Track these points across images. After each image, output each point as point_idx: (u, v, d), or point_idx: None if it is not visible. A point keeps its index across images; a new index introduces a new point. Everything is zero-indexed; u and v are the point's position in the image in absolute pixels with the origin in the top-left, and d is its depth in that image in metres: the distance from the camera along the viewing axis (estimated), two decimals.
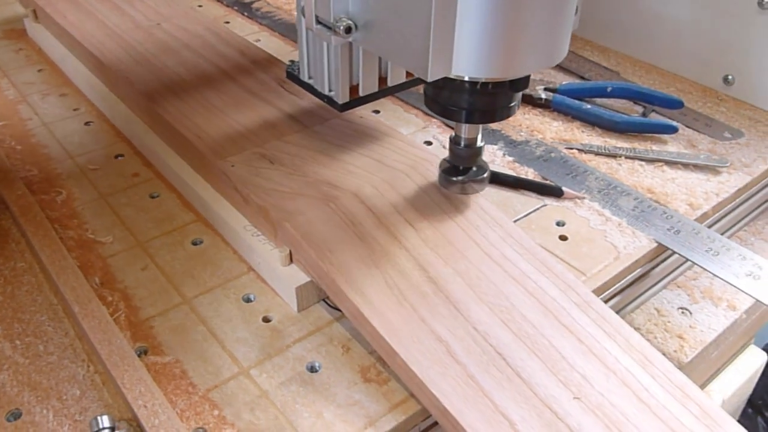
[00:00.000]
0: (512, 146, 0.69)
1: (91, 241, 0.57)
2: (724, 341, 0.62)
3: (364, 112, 0.64)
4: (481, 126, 0.51)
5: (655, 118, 0.75)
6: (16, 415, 0.44)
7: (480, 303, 0.47)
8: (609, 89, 0.76)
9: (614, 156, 0.69)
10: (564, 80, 0.81)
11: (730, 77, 0.78)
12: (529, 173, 0.65)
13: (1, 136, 0.70)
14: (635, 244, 0.58)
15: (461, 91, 0.46)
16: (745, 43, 0.75)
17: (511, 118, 0.73)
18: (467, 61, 0.41)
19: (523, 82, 0.46)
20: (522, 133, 0.71)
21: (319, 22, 0.47)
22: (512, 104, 0.48)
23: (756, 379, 0.76)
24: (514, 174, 0.65)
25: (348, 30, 0.45)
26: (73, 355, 0.48)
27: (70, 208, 0.61)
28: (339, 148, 0.59)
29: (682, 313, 0.61)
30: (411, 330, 0.45)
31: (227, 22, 0.94)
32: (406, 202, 0.53)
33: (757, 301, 0.54)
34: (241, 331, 0.49)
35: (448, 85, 0.45)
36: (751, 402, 1.28)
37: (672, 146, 0.71)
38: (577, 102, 0.74)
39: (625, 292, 0.58)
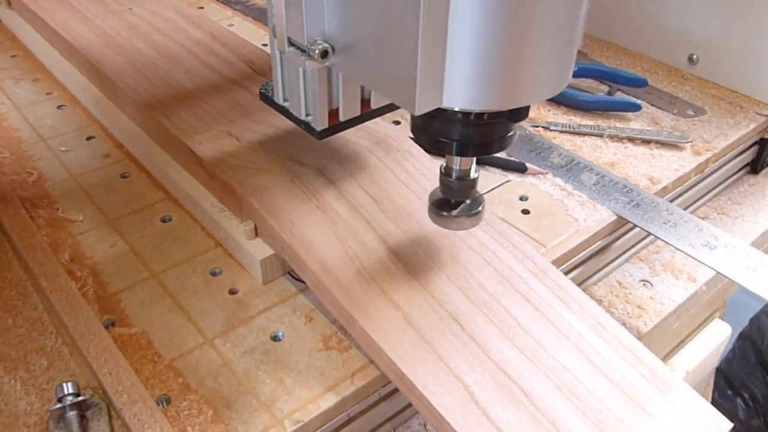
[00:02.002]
0: None
1: (62, 219, 0.58)
2: (685, 312, 0.63)
3: None
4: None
5: (620, 96, 0.76)
6: None
7: (437, 272, 0.49)
8: (575, 69, 0.77)
9: (578, 133, 0.70)
10: None
11: (694, 56, 0.80)
12: None
13: None
14: (595, 217, 0.59)
15: (453, 122, 0.40)
16: (710, 22, 0.77)
17: None
18: (460, 91, 0.35)
19: (524, 111, 0.40)
20: None
21: (292, 44, 0.42)
22: (511, 134, 0.42)
23: (720, 352, 0.78)
24: None
25: (324, 54, 0.40)
26: (42, 328, 0.49)
27: (41, 189, 0.62)
28: None
29: (644, 285, 0.63)
30: (369, 298, 0.46)
31: (201, 8, 0.94)
32: (368, 177, 0.55)
33: (712, 269, 0.56)
34: (207, 303, 0.51)
35: (439, 114, 0.39)
36: (730, 383, 1.31)
37: (636, 124, 0.72)
38: None
39: (587, 264, 0.60)
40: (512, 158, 0.65)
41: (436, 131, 0.41)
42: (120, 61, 0.70)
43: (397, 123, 0.71)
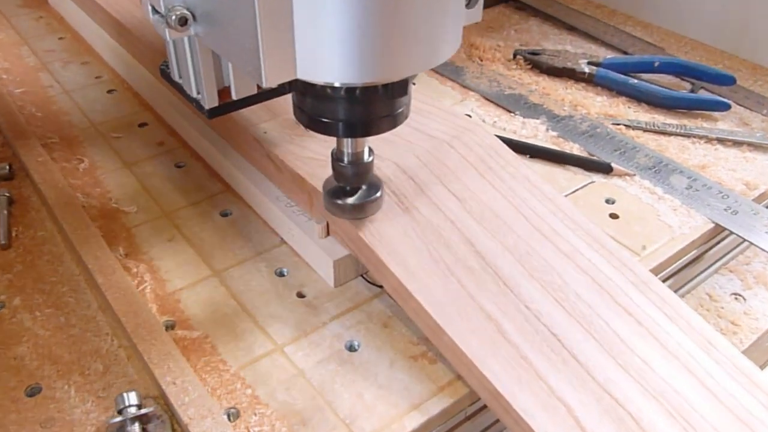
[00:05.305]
0: (555, 121, 0.65)
1: (115, 210, 0.54)
2: None
3: None
4: (367, 138, 0.42)
5: (703, 94, 0.71)
6: (36, 390, 0.41)
7: (531, 279, 0.44)
8: (656, 64, 0.72)
9: (663, 132, 0.65)
10: (606, 55, 0.77)
11: None
12: (574, 149, 0.62)
13: (21, 103, 0.67)
14: (691, 223, 0.54)
15: (325, 99, 0.37)
16: None
17: (552, 92, 0.70)
18: (315, 62, 0.33)
19: (399, 86, 0.37)
20: (565, 108, 0.68)
21: (156, 11, 0.39)
22: (397, 112, 0.39)
23: None
24: (559, 149, 0.61)
25: (183, 22, 0.37)
26: (96, 329, 0.46)
27: (93, 177, 0.58)
28: None
29: (736, 298, 0.58)
30: (458, 306, 0.42)
31: None
32: (450, 173, 0.50)
33: None
34: (274, 306, 0.46)
35: (310, 90, 0.36)
36: None
37: (723, 124, 0.67)
38: (621, 76, 0.71)
39: (679, 275, 0.55)
40: (596, 157, 0.60)
41: (310, 109, 0.39)
42: None
43: (468, 116, 0.66)
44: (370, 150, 0.43)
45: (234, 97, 0.44)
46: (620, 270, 0.46)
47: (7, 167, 0.58)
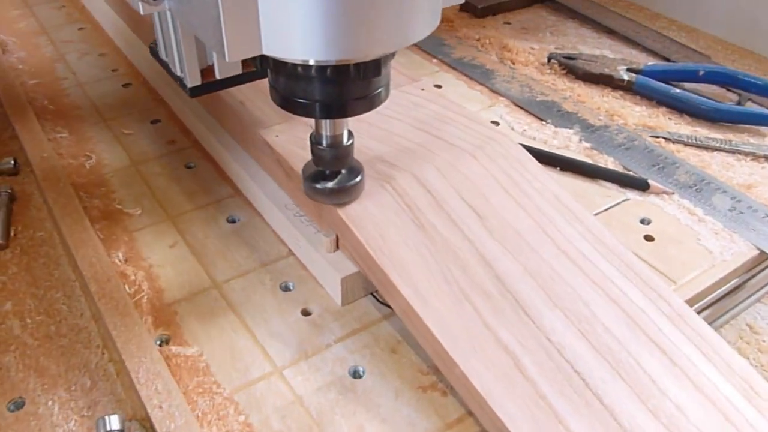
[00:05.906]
0: (590, 131, 0.61)
1: (118, 212, 0.52)
2: None
3: (425, 83, 0.57)
4: (346, 120, 0.41)
5: (753, 107, 0.66)
6: (18, 405, 0.39)
7: (554, 308, 0.40)
8: (701, 73, 0.67)
9: (706, 147, 0.61)
10: (647, 61, 0.73)
11: None
12: (609, 162, 0.58)
13: (34, 95, 0.65)
14: (733, 249, 0.50)
15: (297, 78, 0.36)
16: None
17: (587, 100, 0.66)
18: (284, 38, 0.32)
19: (372, 66, 0.35)
20: (600, 117, 0.63)
21: None
22: (374, 93, 0.38)
23: None
24: (592, 162, 0.57)
25: None
26: (87, 340, 0.43)
27: (99, 175, 0.55)
28: (397, 122, 0.52)
29: None
30: (472, 336, 0.38)
31: None
32: (472, 187, 0.46)
33: None
34: (276, 323, 0.43)
35: (282, 69, 0.35)
36: None
37: None
38: (663, 85, 0.66)
39: (718, 304, 0.51)
40: (631, 172, 0.56)
41: (283, 88, 0.38)
42: None
43: (496, 124, 0.62)
44: (350, 133, 0.42)
45: (217, 76, 0.44)
46: (654, 301, 0.42)
47: (12, 162, 0.56)
